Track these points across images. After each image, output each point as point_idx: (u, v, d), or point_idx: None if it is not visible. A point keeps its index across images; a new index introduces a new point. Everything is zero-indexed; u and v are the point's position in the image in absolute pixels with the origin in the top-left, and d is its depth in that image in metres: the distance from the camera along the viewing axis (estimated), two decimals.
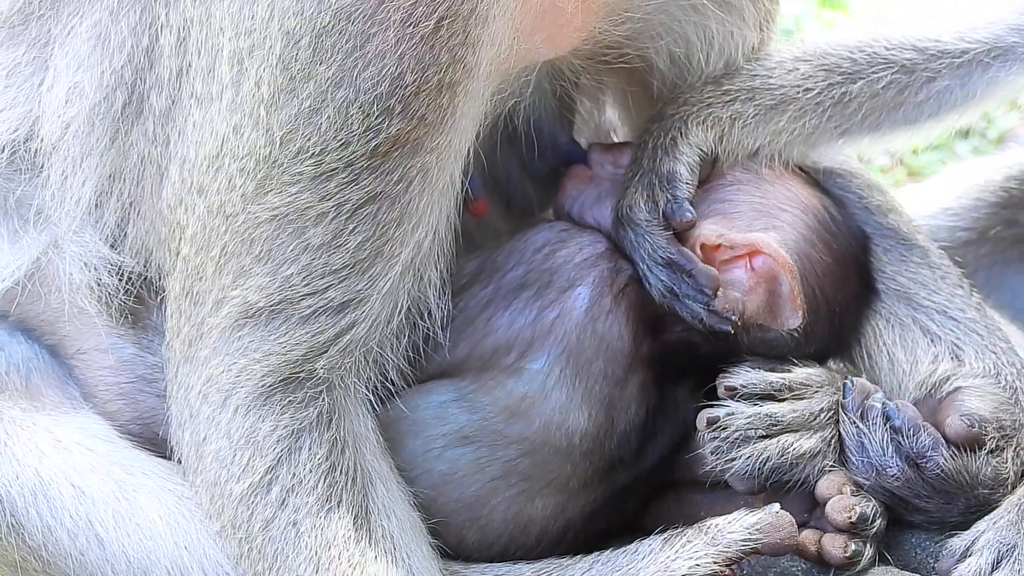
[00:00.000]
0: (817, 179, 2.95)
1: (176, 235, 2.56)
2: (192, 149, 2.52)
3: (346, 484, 2.54)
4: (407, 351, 2.66)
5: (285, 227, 2.47)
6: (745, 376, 2.74)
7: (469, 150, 2.61)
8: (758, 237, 2.74)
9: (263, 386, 2.51)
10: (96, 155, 2.62)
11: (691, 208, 2.77)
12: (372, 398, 2.64)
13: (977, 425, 2.71)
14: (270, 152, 2.45)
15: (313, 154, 2.45)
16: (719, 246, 2.74)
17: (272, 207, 2.47)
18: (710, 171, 2.88)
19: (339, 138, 2.43)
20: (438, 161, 2.52)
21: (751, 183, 2.86)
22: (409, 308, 2.61)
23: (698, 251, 2.74)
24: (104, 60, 2.59)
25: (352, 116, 2.43)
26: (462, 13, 2.44)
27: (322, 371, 2.53)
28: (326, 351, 2.52)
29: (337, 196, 2.46)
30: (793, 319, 2.72)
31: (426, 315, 2.64)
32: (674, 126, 2.87)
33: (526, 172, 2.97)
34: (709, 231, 2.76)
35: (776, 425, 2.71)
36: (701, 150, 2.85)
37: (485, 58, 2.51)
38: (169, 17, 2.56)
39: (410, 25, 2.41)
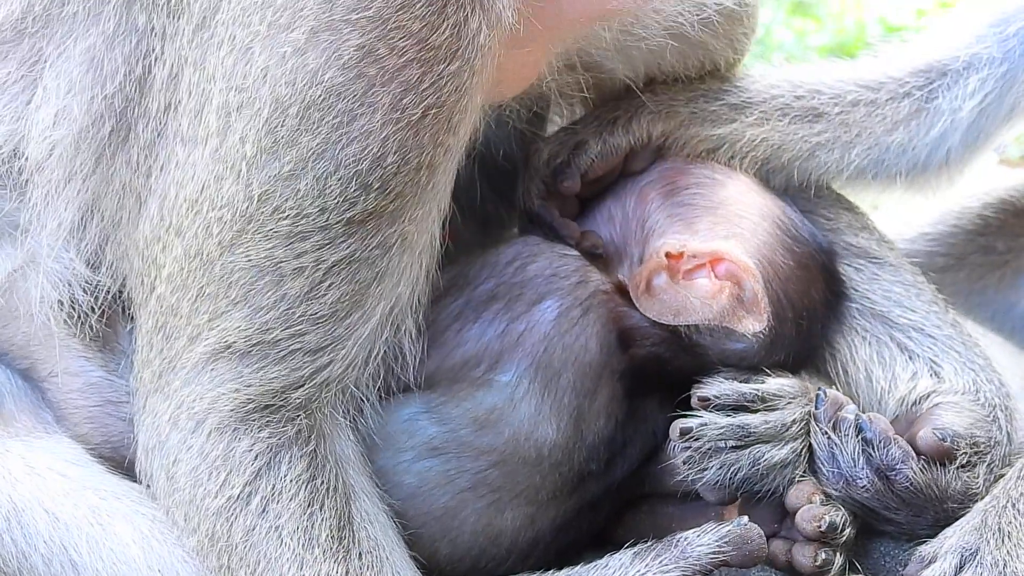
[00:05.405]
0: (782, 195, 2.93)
1: (152, 272, 2.55)
2: (173, 188, 2.51)
3: (328, 491, 2.56)
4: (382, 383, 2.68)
5: (262, 276, 2.47)
6: (719, 387, 2.74)
7: (448, 203, 2.61)
8: (719, 244, 2.74)
9: (239, 412, 2.52)
10: (79, 179, 2.60)
11: (576, 179, 2.84)
12: (351, 420, 2.65)
13: (949, 439, 2.70)
14: (247, 207, 2.44)
15: (289, 215, 2.44)
16: (682, 255, 2.74)
17: (248, 258, 2.46)
18: (620, 163, 2.88)
19: (316, 204, 2.43)
20: (418, 227, 2.52)
21: (711, 191, 2.85)
22: (384, 352, 2.61)
23: (663, 259, 2.74)
24: (96, 85, 2.55)
25: (330, 187, 2.42)
26: (448, 103, 2.42)
27: (300, 399, 2.54)
28: (303, 385, 2.54)
29: (313, 255, 2.46)
30: (758, 323, 2.71)
31: (399, 361, 2.64)
32: (625, 108, 2.88)
33: (494, 191, 2.95)
34: (673, 240, 2.77)
35: (748, 436, 2.71)
36: (639, 137, 2.85)
37: (464, 132, 2.51)
38: (164, 51, 2.52)
39: (397, 111, 2.39)
